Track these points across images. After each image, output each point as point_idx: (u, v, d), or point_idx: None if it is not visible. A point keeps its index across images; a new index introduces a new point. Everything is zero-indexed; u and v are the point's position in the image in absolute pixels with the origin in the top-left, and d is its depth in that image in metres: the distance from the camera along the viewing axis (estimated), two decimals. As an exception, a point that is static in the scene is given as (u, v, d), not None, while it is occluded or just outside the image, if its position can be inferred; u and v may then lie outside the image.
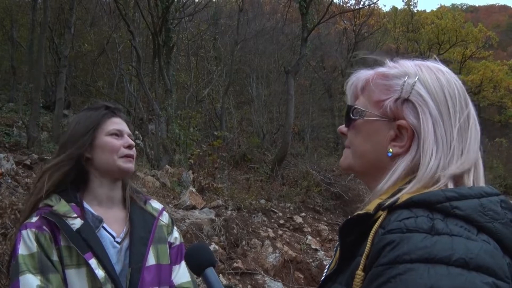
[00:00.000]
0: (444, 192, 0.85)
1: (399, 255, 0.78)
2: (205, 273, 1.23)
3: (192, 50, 16.86)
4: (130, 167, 1.71)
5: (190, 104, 14.25)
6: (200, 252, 1.29)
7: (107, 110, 1.74)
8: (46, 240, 1.51)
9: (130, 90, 14.28)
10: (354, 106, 1.06)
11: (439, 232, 0.79)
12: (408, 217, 0.82)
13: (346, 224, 0.94)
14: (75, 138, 1.67)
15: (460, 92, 0.97)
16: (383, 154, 0.99)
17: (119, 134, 1.71)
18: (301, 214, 10.03)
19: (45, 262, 1.48)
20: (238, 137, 15.17)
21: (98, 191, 1.70)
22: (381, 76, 1.03)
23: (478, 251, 0.77)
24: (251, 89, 17.41)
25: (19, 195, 5.62)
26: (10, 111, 13.05)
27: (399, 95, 0.97)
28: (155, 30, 11.99)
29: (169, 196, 8.48)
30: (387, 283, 0.77)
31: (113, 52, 15.43)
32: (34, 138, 9.81)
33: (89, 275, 1.51)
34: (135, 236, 1.67)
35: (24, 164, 7.72)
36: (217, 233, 7.31)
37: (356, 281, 0.85)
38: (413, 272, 0.75)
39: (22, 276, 1.44)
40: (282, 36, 21.31)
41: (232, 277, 6.50)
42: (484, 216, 0.82)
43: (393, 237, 0.81)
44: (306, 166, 14.00)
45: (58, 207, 1.58)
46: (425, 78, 0.97)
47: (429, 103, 0.94)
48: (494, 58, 36.02)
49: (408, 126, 0.95)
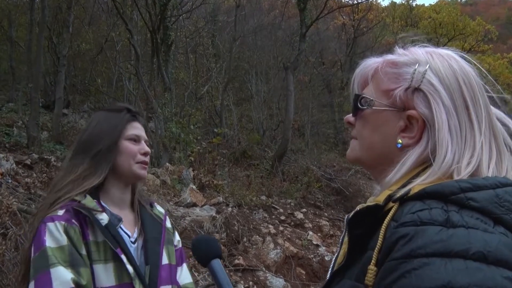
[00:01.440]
0: (459, 183, 0.81)
1: (413, 249, 0.75)
2: (211, 264, 1.23)
3: (190, 47, 16.84)
4: (143, 173, 1.74)
5: (189, 102, 14.24)
6: (208, 243, 1.31)
7: (128, 113, 1.75)
8: (76, 234, 1.50)
9: (129, 88, 14.27)
10: (362, 95, 1.02)
11: (455, 225, 0.76)
12: (421, 209, 0.79)
13: (355, 216, 0.90)
14: (95, 141, 1.67)
15: (475, 80, 0.93)
16: (392, 146, 0.96)
17: (137, 139, 1.73)
18: (302, 210, 10.04)
19: (75, 256, 1.47)
20: (238, 134, 15.17)
21: (112, 192, 1.71)
22: (390, 64, 0.99)
23: (496, 244, 0.73)
24: (251, 85, 17.40)
25: (19, 195, 5.62)
26: (10, 111, 13.05)
27: (409, 84, 0.94)
28: (153, 28, 11.98)
29: (170, 194, 8.49)
30: (401, 278, 0.74)
31: (111, 51, 15.41)
32: (34, 137, 9.82)
33: (116, 270, 1.53)
34: (149, 236, 1.71)
35: (24, 164, 7.73)
36: (218, 230, 7.32)
37: (368, 276, 0.82)
38: (429, 267, 0.72)
39: (53, 269, 1.41)
40: (280, 32, 21.27)
41: (233, 273, 6.51)
42: (500, 208, 0.79)
43: (407, 230, 0.77)
44: (307, 162, 14.01)
45: (86, 201, 1.58)
46: (436, 66, 0.93)
47: (441, 92, 0.91)
48: (493, 52, 35.95)
49: (418, 116, 0.92)
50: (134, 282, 1.54)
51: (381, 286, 0.78)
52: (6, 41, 16.30)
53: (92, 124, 1.73)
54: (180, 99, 14.37)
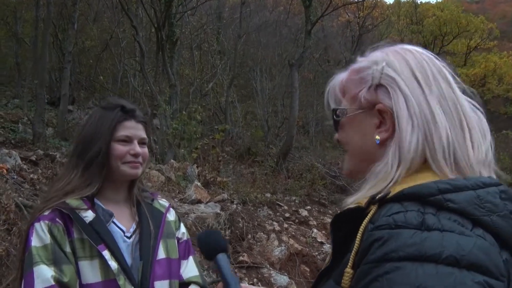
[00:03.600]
0: (437, 184, 0.81)
1: (386, 252, 0.75)
2: (217, 258, 1.23)
3: (195, 44, 16.83)
4: (135, 172, 1.70)
5: (194, 98, 14.23)
6: (214, 237, 1.30)
7: (121, 111, 1.70)
8: (59, 232, 1.53)
9: (134, 85, 14.28)
10: (336, 108, 1.07)
11: (430, 228, 0.75)
12: (397, 211, 0.79)
13: (337, 218, 0.91)
14: (88, 142, 1.66)
15: (430, 64, 0.96)
16: (372, 144, 0.97)
17: (128, 140, 1.69)
18: (306, 207, 10.03)
19: (58, 254, 1.50)
20: (242, 131, 15.16)
21: (105, 191, 1.71)
22: (353, 72, 1.04)
23: (470, 247, 0.73)
24: (255, 82, 17.35)
25: (24, 191, 5.63)
26: (15, 107, 13.09)
27: (371, 83, 0.98)
28: (158, 24, 11.98)
29: (174, 191, 8.49)
30: (374, 282, 0.74)
31: (116, 47, 15.42)
32: (39, 134, 9.84)
33: (102, 267, 1.54)
34: (145, 230, 1.70)
35: (29, 160, 7.75)
36: (222, 227, 7.31)
37: (344, 279, 0.83)
38: (401, 271, 0.72)
39: (36, 267, 1.46)
40: (285, 29, 21.23)
41: (238, 270, 6.51)
42: (480, 209, 0.78)
43: (381, 233, 0.77)
44: (311, 159, 13.99)
45: (70, 200, 1.60)
46: (392, 61, 0.97)
47: (398, 81, 0.93)
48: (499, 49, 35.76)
49: (386, 109, 0.94)
50: (118, 278, 1.54)
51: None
52: (12, 37, 16.35)
53: (87, 124, 1.72)
54: (185, 95, 14.37)
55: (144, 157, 1.73)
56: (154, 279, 1.63)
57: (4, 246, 3.82)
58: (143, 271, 1.61)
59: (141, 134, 1.73)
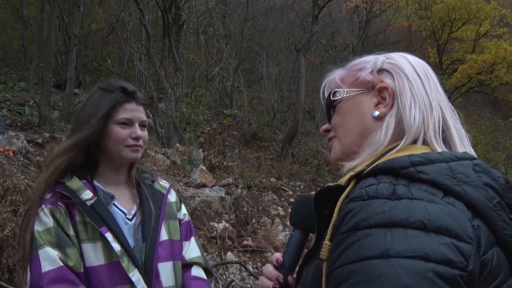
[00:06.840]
0: (410, 157, 0.84)
1: (357, 221, 0.78)
2: (295, 232, 1.13)
3: (201, 28, 16.73)
4: (135, 156, 1.69)
5: (200, 83, 14.19)
6: (304, 208, 1.12)
7: (122, 93, 1.67)
8: (62, 215, 1.53)
9: (140, 68, 14.25)
10: (334, 90, 1.09)
11: (399, 197, 0.78)
12: (370, 184, 0.82)
13: (317, 197, 0.92)
14: (84, 122, 1.63)
15: (424, 64, 1.04)
16: (369, 120, 1.01)
17: (128, 123, 1.66)
18: (311, 193, 10.04)
19: (62, 237, 1.50)
20: (248, 116, 15.12)
21: (105, 173, 1.71)
22: (354, 65, 1.10)
23: (438, 212, 0.75)
24: (261, 67, 17.26)
25: (30, 173, 5.67)
26: (22, 90, 13.08)
27: (373, 68, 1.04)
28: (164, 7, 11.92)
29: (180, 174, 8.52)
30: (346, 250, 0.77)
31: (122, 31, 15.35)
32: (45, 117, 9.86)
33: (105, 249, 1.54)
34: (147, 212, 1.69)
35: (35, 143, 7.79)
36: (227, 211, 7.35)
37: (323, 250, 0.85)
38: (371, 237, 0.75)
39: (41, 250, 1.46)
40: (292, 14, 21.04)
41: (242, 254, 6.55)
42: (452, 179, 0.81)
43: (354, 205, 0.80)
44: (317, 144, 13.98)
45: (71, 183, 1.60)
46: (392, 56, 1.06)
47: (401, 68, 1.01)
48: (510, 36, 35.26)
49: (387, 86, 1.00)
50: (122, 260, 1.53)
51: (331, 259, 0.81)
52: (17, 20, 16.28)
53: (87, 104, 1.69)
54: (191, 79, 14.33)
55: (144, 140, 1.71)
56: (157, 260, 1.63)
57: (11, 227, 3.86)
58: (147, 253, 1.61)
59: (142, 116, 1.71)
